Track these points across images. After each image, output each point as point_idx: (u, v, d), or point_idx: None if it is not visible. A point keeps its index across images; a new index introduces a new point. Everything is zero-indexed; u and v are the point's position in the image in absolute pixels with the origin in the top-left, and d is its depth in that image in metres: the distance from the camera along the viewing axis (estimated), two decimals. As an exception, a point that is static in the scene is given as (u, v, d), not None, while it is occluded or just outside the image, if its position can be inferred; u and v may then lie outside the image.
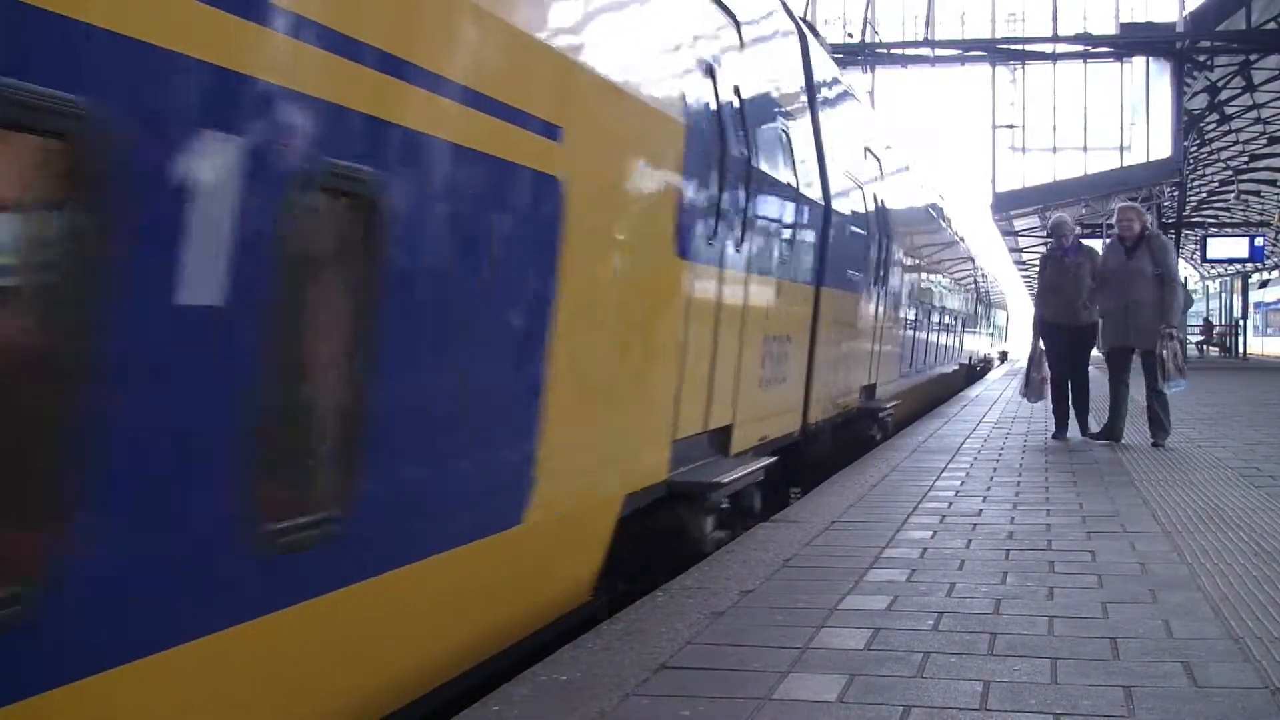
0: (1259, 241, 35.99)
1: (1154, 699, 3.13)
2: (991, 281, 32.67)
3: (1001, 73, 31.78)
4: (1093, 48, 30.84)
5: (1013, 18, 30.86)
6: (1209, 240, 36.86)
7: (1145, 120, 30.20)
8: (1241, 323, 47.54)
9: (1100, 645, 3.66)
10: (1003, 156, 32.26)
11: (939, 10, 30.61)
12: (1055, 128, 32.36)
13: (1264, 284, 56.00)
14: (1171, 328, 9.74)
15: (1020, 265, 51.26)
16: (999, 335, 38.47)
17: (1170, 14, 28.95)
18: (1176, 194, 33.86)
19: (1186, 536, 5.50)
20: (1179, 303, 10.21)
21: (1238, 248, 36.49)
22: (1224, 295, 59.15)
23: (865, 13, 30.37)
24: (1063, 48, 31.05)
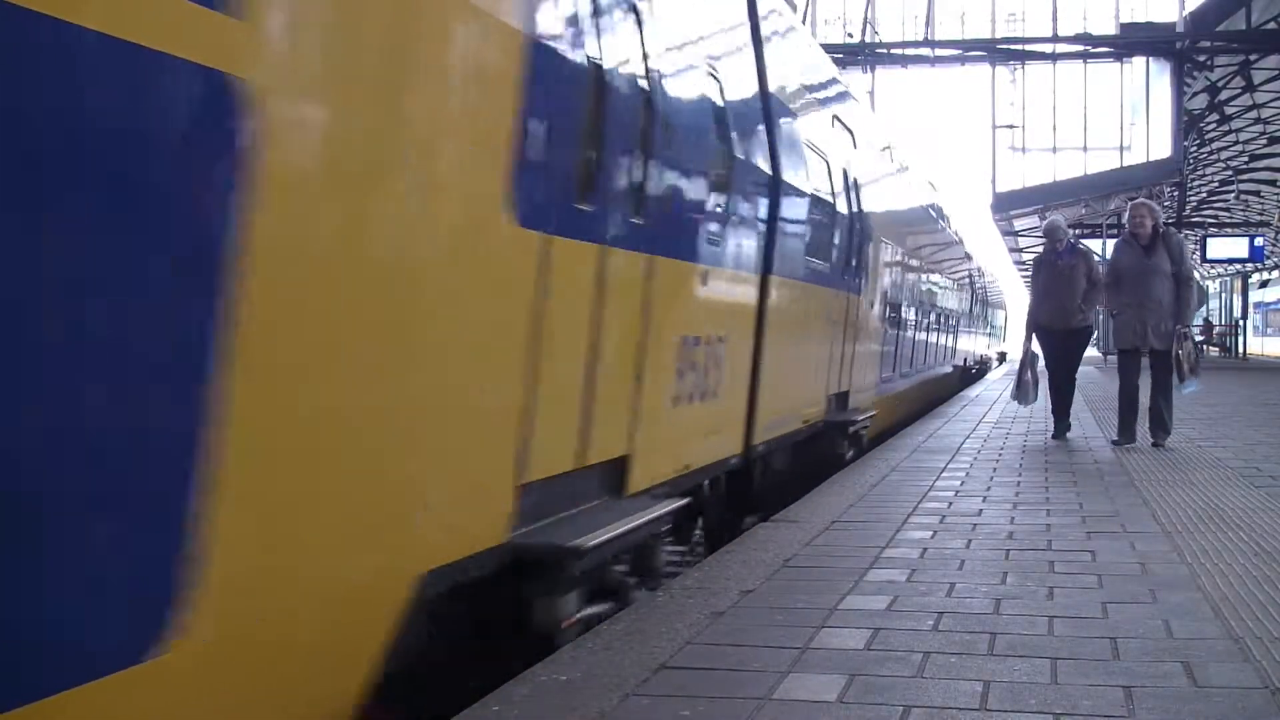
0: (1259, 241, 36.01)
1: (1154, 699, 3.13)
2: (990, 280, 32.57)
3: (1001, 73, 31.83)
4: (1093, 48, 30.87)
5: (1013, 18, 30.93)
6: (1209, 240, 36.82)
7: (1145, 120, 30.24)
8: (1241, 323, 47.57)
9: (1100, 645, 3.66)
10: (1003, 156, 32.36)
11: (939, 10, 30.69)
12: (1055, 128, 32.45)
13: (1264, 284, 56.09)
14: (1187, 327, 9.62)
15: (1020, 265, 51.27)
16: (997, 335, 38.42)
17: (1170, 14, 29.00)
18: (1176, 194, 33.89)
19: (1186, 536, 5.50)
20: (1195, 302, 10.05)
21: (1238, 248, 36.49)
22: (1224, 295, 59.20)
23: (865, 13, 30.43)
24: (1063, 48, 31.07)
